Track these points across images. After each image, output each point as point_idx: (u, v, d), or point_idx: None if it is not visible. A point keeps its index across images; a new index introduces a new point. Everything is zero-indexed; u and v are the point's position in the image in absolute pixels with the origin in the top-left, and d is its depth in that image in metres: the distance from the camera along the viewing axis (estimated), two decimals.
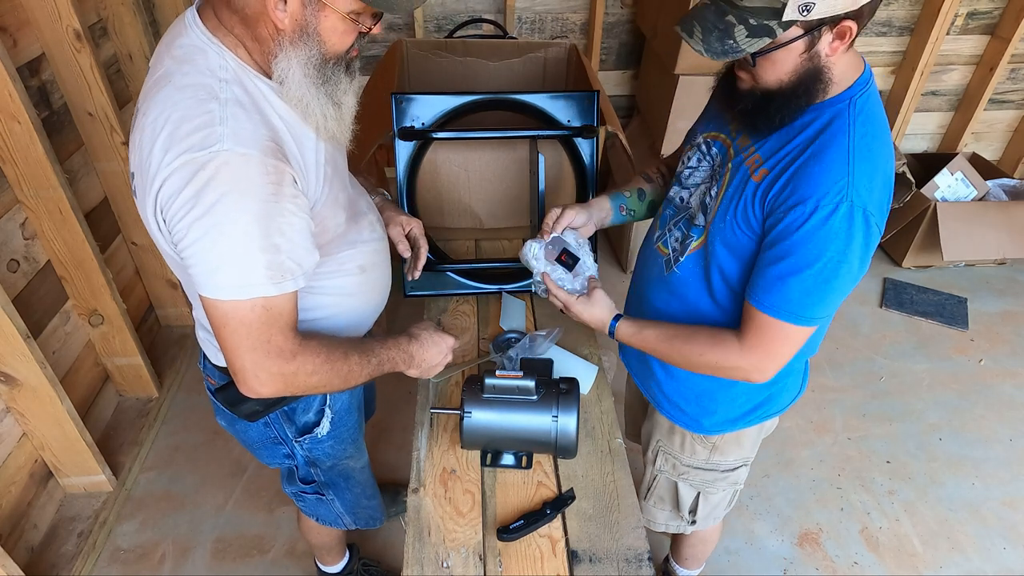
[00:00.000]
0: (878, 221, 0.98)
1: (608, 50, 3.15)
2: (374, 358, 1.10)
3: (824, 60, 0.95)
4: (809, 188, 0.96)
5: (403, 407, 2.37)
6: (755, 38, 0.91)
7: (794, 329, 1.04)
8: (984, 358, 2.73)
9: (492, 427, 1.23)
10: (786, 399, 1.32)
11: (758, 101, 1.01)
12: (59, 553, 1.91)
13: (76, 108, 2.06)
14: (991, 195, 3.13)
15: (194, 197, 0.85)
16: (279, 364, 0.96)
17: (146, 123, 0.89)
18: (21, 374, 1.75)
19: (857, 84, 1.00)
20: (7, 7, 1.77)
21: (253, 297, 0.91)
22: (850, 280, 1.00)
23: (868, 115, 0.99)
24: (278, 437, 1.29)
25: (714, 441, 1.35)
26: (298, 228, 0.94)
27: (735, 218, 1.07)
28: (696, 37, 0.94)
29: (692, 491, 1.45)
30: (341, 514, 1.51)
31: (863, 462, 2.30)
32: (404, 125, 1.64)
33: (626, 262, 3.10)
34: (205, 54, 0.92)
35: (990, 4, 3.04)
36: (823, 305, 1.02)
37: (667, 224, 1.26)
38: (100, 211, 2.24)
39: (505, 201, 1.83)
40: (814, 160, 0.97)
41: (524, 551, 1.14)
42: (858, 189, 0.94)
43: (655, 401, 1.38)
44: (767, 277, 1.02)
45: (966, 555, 2.03)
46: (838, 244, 0.96)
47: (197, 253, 0.89)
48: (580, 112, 1.68)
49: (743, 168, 1.08)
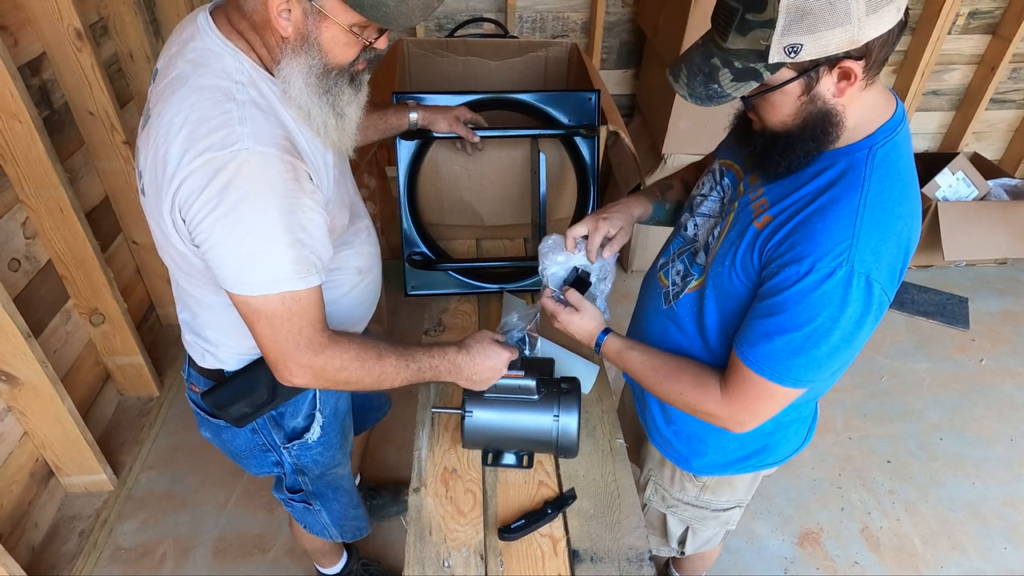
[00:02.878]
0: (885, 287, 0.88)
1: (609, 49, 3.14)
2: (413, 363, 1.09)
3: (831, 102, 0.86)
4: (809, 246, 0.88)
5: (404, 407, 2.37)
6: (741, 82, 0.85)
7: (777, 388, 0.96)
8: (985, 358, 2.73)
9: (493, 426, 1.23)
10: (785, 450, 1.24)
11: (766, 143, 0.94)
12: (60, 552, 1.92)
13: (77, 107, 2.06)
14: (992, 195, 3.13)
15: (217, 196, 0.86)
16: (308, 356, 0.98)
17: (161, 123, 0.90)
18: (22, 373, 1.75)
19: (881, 131, 0.90)
20: (8, 6, 1.77)
21: (282, 292, 0.93)
22: (845, 348, 0.91)
23: (889, 168, 0.89)
24: (266, 444, 1.28)
25: (704, 481, 1.31)
26: (317, 223, 0.96)
27: (733, 264, 1.00)
28: (681, 81, 0.90)
29: (681, 525, 1.42)
30: (328, 526, 1.51)
31: (864, 462, 2.30)
32: None
33: (627, 262, 3.10)
34: (221, 58, 0.93)
35: (991, 4, 3.04)
36: (811, 370, 0.93)
37: (671, 254, 1.20)
38: (101, 210, 2.24)
39: (506, 200, 1.82)
40: (819, 215, 0.89)
41: (525, 551, 1.14)
42: (862, 253, 0.85)
43: (648, 430, 1.35)
44: (755, 330, 0.95)
45: (967, 555, 2.03)
46: (831, 310, 0.88)
47: (225, 253, 0.90)
48: (581, 111, 1.68)
49: (748, 211, 1.01)
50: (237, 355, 1.17)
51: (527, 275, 1.71)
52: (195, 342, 1.19)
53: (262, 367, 1.13)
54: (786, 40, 0.79)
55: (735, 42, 0.83)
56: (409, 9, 0.88)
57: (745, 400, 1.00)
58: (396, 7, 0.87)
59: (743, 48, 0.82)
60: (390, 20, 0.90)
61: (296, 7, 0.88)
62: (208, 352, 1.18)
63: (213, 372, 1.19)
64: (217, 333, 1.15)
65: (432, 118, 1.54)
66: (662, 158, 2.82)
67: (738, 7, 0.81)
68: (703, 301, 1.08)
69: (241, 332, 1.02)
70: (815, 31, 0.78)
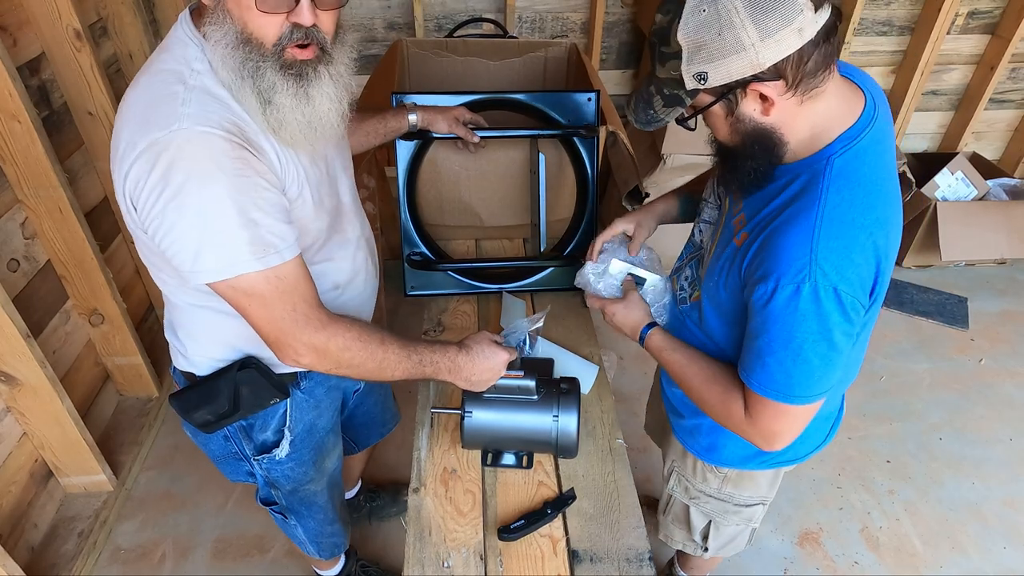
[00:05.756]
0: (855, 295, 0.88)
1: (608, 49, 3.14)
2: (415, 355, 1.08)
3: (762, 121, 0.89)
4: (771, 263, 0.90)
5: (403, 407, 2.37)
6: (669, 107, 0.91)
7: (787, 408, 0.96)
8: (984, 358, 2.73)
9: (493, 427, 1.23)
10: (807, 447, 1.26)
11: (723, 158, 1.00)
12: (59, 553, 1.91)
13: (76, 107, 2.06)
14: (991, 195, 3.13)
15: (162, 179, 0.85)
16: (308, 333, 0.97)
17: (121, 108, 0.91)
18: (21, 374, 1.75)
19: (840, 139, 0.91)
20: (7, 6, 1.77)
21: (237, 274, 0.90)
22: (836, 357, 0.92)
23: (849, 177, 0.90)
24: (239, 453, 1.26)
25: (726, 472, 1.31)
26: (272, 202, 0.93)
27: (721, 280, 1.03)
28: (630, 108, 0.97)
29: (704, 518, 1.42)
30: (304, 541, 1.50)
31: (863, 462, 2.30)
32: None
33: None
34: (185, 46, 0.93)
35: (990, 3, 3.04)
36: (810, 384, 0.94)
37: (683, 259, 1.24)
38: (100, 210, 2.23)
39: (506, 201, 1.82)
40: (779, 232, 0.90)
41: (525, 551, 1.14)
42: (823, 267, 0.86)
43: (671, 422, 1.36)
44: (749, 352, 0.97)
45: (966, 555, 2.03)
46: (807, 325, 0.89)
47: (177, 239, 0.88)
48: (580, 112, 1.68)
49: (730, 226, 1.04)
50: (207, 359, 1.14)
51: (526, 275, 1.71)
52: (171, 341, 1.18)
53: (226, 376, 1.11)
54: (692, 69, 0.85)
55: (660, 72, 0.90)
56: None
57: (764, 421, 1.00)
58: None
59: (666, 77, 0.89)
60: None
61: None
62: (180, 353, 1.17)
63: (186, 374, 1.18)
64: (185, 334, 1.14)
65: (432, 119, 1.53)
66: (661, 158, 2.82)
67: (655, 42, 0.89)
68: (702, 312, 1.11)
69: (208, 336, 1.01)
70: (713, 60, 0.83)
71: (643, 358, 2.66)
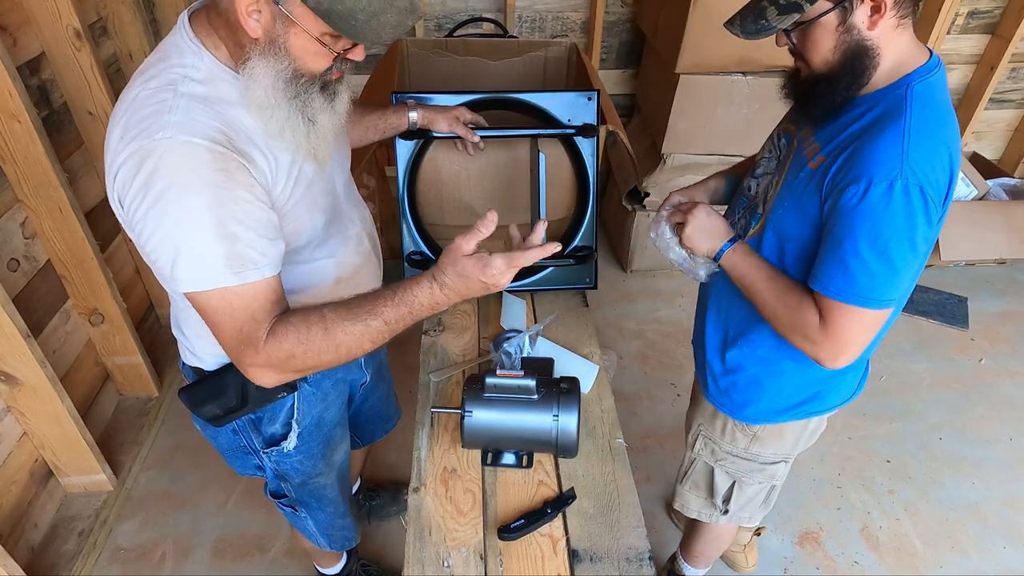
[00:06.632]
0: (936, 200, 0.96)
1: (608, 49, 3.15)
2: (375, 320, 0.97)
3: (866, 35, 0.97)
4: (863, 167, 0.97)
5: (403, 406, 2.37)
6: (784, 15, 0.97)
7: (864, 313, 1.02)
8: (984, 358, 2.73)
9: (493, 426, 1.23)
10: (836, 399, 1.30)
11: (811, 85, 1.06)
12: (59, 552, 1.91)
13: (76, 107, 2.06)
14: (991, 195, 3.13)
15: (144, 186, 0.86)
16: (250, 354, 0.96)
17: (113, 113, 0.92)
18: (21, 373, 1.75)
19: (917, 72, 1.00)
20: (7, 6, 1.77)
21: (215, 288, 0.90)
22: (913, 257, 0.99)
23: (927, 100, 0.99)
24: (247, 446, 1.27)
25: (755, 431, 1.35)
26: (256, 216, 0.92)
27: (791, 207, 1.10)
28: (735, 25, 1.02)
29: (728, 479, 1.46)
30: (315, 534, 1.50)
31: (863, 461, 2.30)
32: None
33: (626, 262, 3.10)
34: (182, 53, 0.93)
35: (990, 3, 3.04)
36: (890, 286, 1.00)
37: (736, 213, 1.29)
38: (100, 210, 2.23)
39: (506, 200, 1.82)
40: (869, 141, 0.98)
41: (525, 550, 1.14)
42: (912, 167, 0.94)
43: (704, 384, 1.40)
44: (828, 262, 1.02)
45: (966, 555, 2.03)
46: (895, 221, 0.96)
47: (156, 247, 0.89)
48: (581, 111, 1.67)
49: (802, 157, 1.11)
50: (212, 355, 1.15)
51: (526, 275, 1.71)
52: (179, 338, 1.20)
53: (233, 371, 1.11)
54: None
55: None
56: (380, 25, 0.86)
57: (838, 329, 1.04)
58: (367, 22, 0.85)
59: None
60: (360, 34, 0.87)
61: (266, 9, 0.87)
62: (188, 349, 1.18)
63: (195, 369, 1.20)
64: (191, 332, 1.15)
65: (432, 118, 1.54)
66: (662, 158, 2.82)
67: None
68: (761, 245, 1.17)
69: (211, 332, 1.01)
70: None
71: (643, 358, 2.67)
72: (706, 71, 2.58)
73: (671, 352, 2.71)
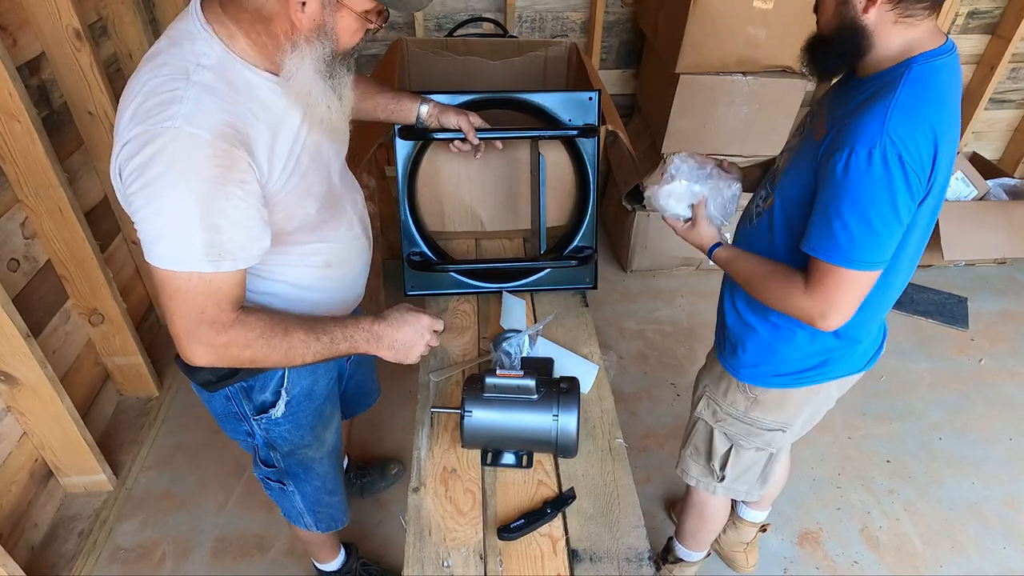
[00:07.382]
0: (917, 171, 1.01)
1: (608, 49, 3.14)
2: (324, 336, 1.09)
3: (860, 16, 1.04)
4: (847, 137, 1.03)
5: (403, 406, 2.37)
6: None
7: (847, 273, 1.07)
8: (984, 358, 2.73)
9: (493, 426, 1.23)
10: (843, 368, 1.33)
11: (814, 42, 1.15)
12: (59, 552, 1.91)
13: (76, 107, 2.06)
14: (991, 195, 3.13)
15: (142, 166, 0.90)
16: (209, 335, 1.00)
17: (125, 92, 0.95)
18: (21, 373, 1.75)
19: (924, 55, 1.04)
20: (7, 6, 1.77)
21: (188, 271, 0.95)
22: (896, 224, 1.04)
23: (923, 80, 1.03)
24: (239, 413, 1.30)
25: (756, 394, 1.38)
26: (244, 212, 0.97)
27: (795, 175, 1.17)
28: None
29: (726, 442, 1.48)
30: (302, 512, 1.51)
31: (863, 461, 2.30)
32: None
33: (626, 262, 3.10)
34: (194, 40, 0.96)
35: (990, 3, 3.04)
36: (871, 248, 1.05)
37: (762, 189, 1.35)
38: (100, 210, 2.23)
39: (505, 201, 1.82)
40: (857, 115, 1.04)
41: (525, 550, 1.14)
42: (891, 136, 0.99)
43: (719, 348, 1.46)
44: (816, 224, 1.09)
45: (966, 555, 2.03)
46: (875, 188, 1.01)
47: (141, 221, 0.94)
48: (581, 111, 1.67)
49: (811, 131, 1.19)
50: None
51: (527, 275, 1.71)
52: None
53: None
54: None
55: None
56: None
57: (826, 292, 1.10)
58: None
59: None
60: (402, 3, 0.96)
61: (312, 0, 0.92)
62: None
63: None
64: None
65: (444, 110, 1.54)
66: (662, 158, 2.82)
67: None
68: (772, 215, 1.23)
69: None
70: None
71: (643, 358, 2.67)
72: (706, 71, 2.58)
73: (671, 352, 2.71)
